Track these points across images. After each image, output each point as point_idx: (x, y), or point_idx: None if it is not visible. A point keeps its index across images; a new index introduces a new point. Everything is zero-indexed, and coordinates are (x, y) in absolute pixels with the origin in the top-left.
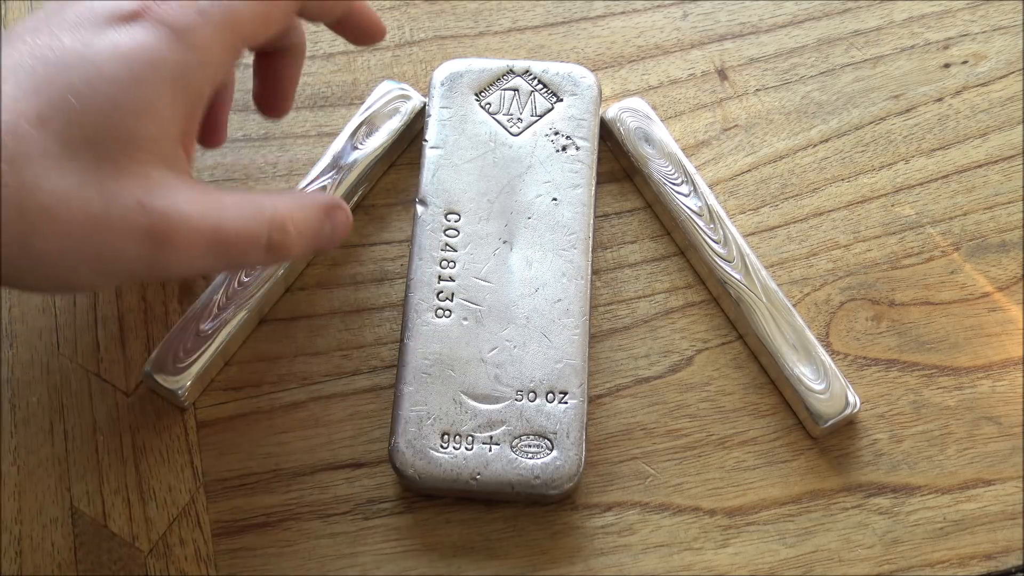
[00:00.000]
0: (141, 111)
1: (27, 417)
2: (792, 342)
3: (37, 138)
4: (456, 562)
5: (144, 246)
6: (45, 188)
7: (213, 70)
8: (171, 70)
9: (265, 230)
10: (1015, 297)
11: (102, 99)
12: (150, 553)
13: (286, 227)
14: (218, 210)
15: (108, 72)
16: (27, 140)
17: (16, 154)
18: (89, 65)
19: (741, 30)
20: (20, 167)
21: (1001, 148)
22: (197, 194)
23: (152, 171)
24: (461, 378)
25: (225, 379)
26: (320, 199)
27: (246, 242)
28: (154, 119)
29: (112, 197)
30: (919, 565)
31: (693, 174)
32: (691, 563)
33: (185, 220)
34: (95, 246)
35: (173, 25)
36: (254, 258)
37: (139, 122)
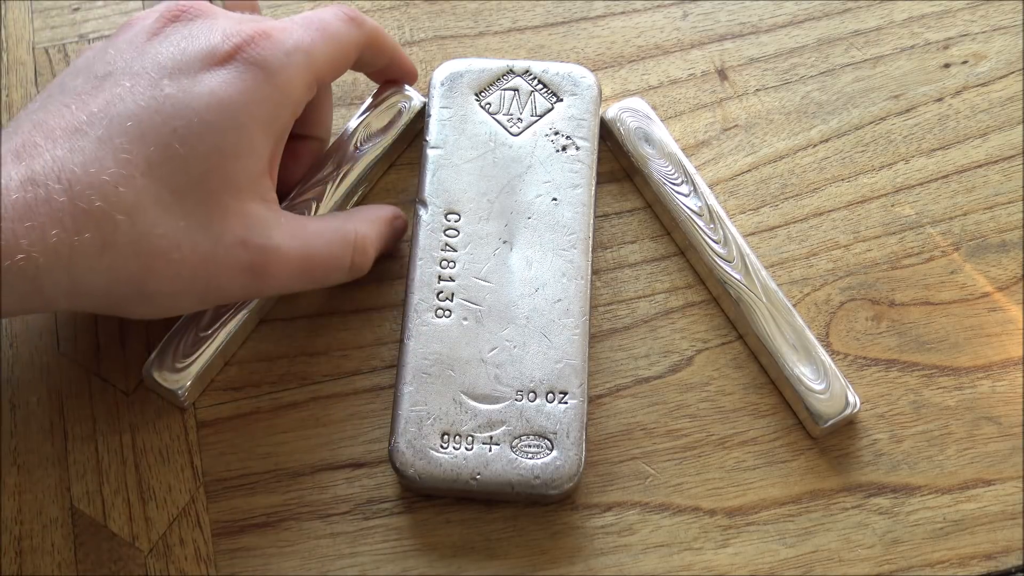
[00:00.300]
0: (241, 153)
1: (27, 417)
2: (792, 342)
3: (148, 187)
4: (456, 562)
5: (245, 277)
6: (158, 233)
7: (295, 107)
8: (263, 111)
9: (349, 254)
10: (1015, 297)
11: (205, 145)
12: (150, 553)
13: (366, 249)
14: (306, 239)
15: (209, 119)
16: (140, 189)
17: (131, 204)
18: (191, 113)
19: (741, 30)
20: (135, 216)
21: (1001, 148)
22: (288, 226)
23: (250, 208)
24: (461, 378)
25: (225, 379)
26: (385, 213)
27: (333, 268)
28: (250, 158)
29: (218, 238)
30: (919, 565)
31: (693, 174)
32: (691, 563)
33: (280, 252)
34: (203, 282)
35: (264, 67)
36: (337, 277)
37: (238, 163)
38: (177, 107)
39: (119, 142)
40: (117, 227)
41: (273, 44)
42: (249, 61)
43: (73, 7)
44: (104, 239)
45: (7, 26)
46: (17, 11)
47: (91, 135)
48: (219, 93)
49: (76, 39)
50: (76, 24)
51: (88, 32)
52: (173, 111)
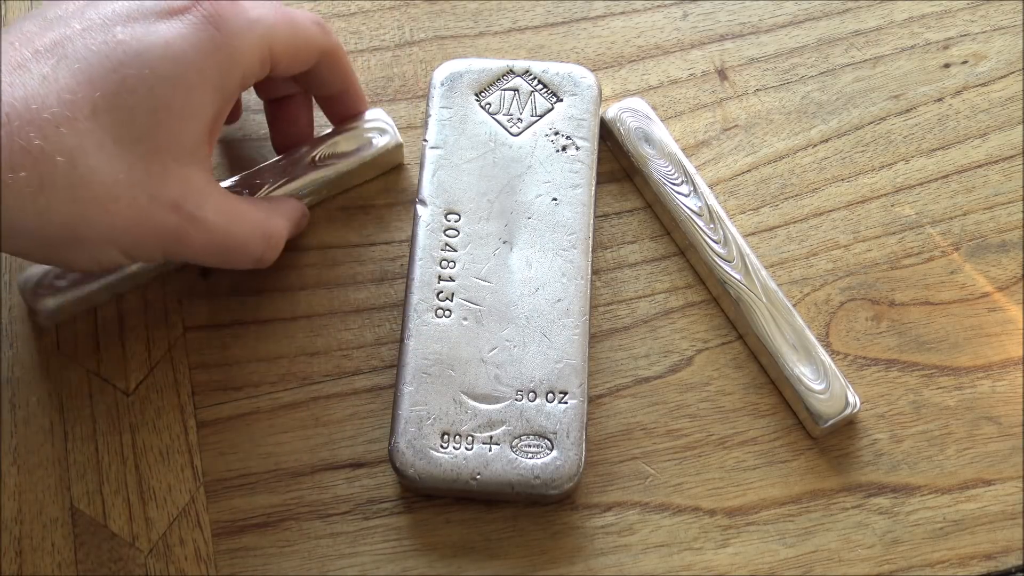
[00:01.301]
0: (187, 114)
1: (27, 417)
2: (792, 342)
3: (92, 131)
4: (456, 562)
5: (168, 241)
6: (97, 181)
7: (245, 78)
8: (215, 73)
9: (262, 247)
10: (1015, 297)
11: (154, 99)
12: (150, 553)
13: (277, 246)
14: (231, 222)
15: (161, 71)
16: (83, 133)
17: (73, 146)
18: (143, 63)
19: (741, 30)
20: (75, 159)
21: (1001, 148)
22: (220, 201)
23: (190, 173)
24: (461, 378)
25: (225, 379)
26: (297, 211)
27: (243, 253)
28: (196, 121)
29: (155, 197)
30: (919, 565)
31: (693, 174)
32: (691, 563)
33: (206, 225)
34: (132, 237)
35: (220, 26)
36: (243, 264)
37: (184, 124)
38: (129, 54)
39: (64, 82)
40: (56, 168)
41: (235, 7)
42: (207, 17)
43: None
44: (41, 179)
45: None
46: (17, 11)
47: (35, 72)
48: (173, 46)
49: None
50: None
51: None
52: (124, 58)
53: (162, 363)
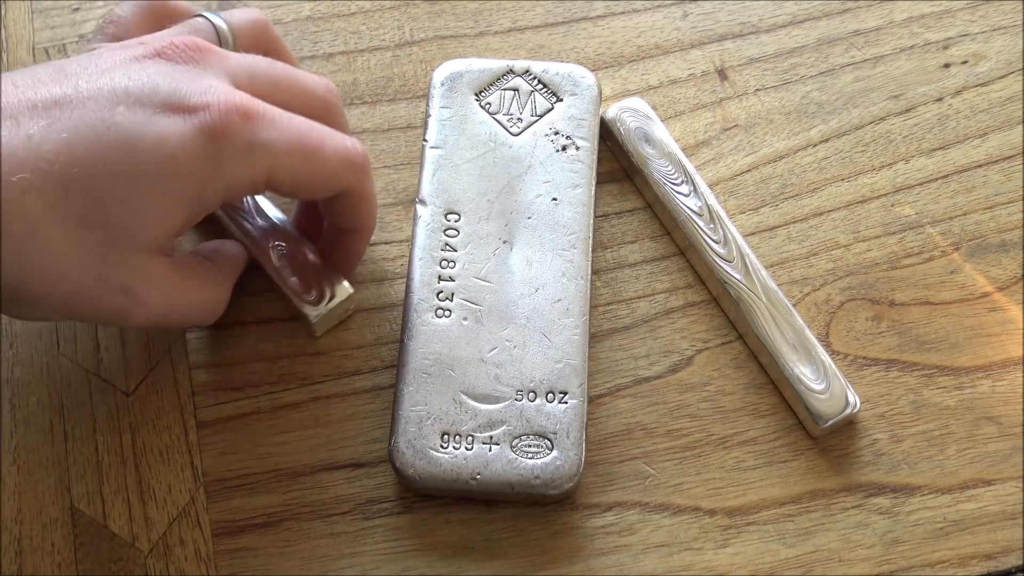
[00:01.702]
0: (159, 215)
1: (27, 417)
2: (792, 342)
3: (58, 206)
4: (456, 562)
5: (110, 317)
6: (50, 255)
7: (227, 196)
8: (198, 185)
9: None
10: (1015, 297)
11: (130, 192)
12: (150, 553)
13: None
14: (177, 305)
15: (144, 168)
16: (49, 206)
17: (35, 217)
18: (129, 154)
19: (741, 30)
20: (35, 229)
21: (1001, 148)
22: (170, 289)
23: (147, 264)
24: (461, 378)
25: (225, 379)
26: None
27: (183, 326)
28: (167, 223)
29: (104, 281)
30: (919, 565)
31: (693, 174)
32: (691, 563)
33: (151, 309)
34: (72, 309)
35: (220, 144)
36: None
37: (154, 224)
38: (120, 139)
39: (48, 148)
40: (11, 236)
41: (245, 126)
42: (209, 127)
43: (73, 7)
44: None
45: (7, 26)
46: (17, 11)
47: (23, 128)
48: (165, 145)
49: (76, 39)
50: (76, 24)
51: (88, 32)
52: (115, 141)
53: (162, 363)
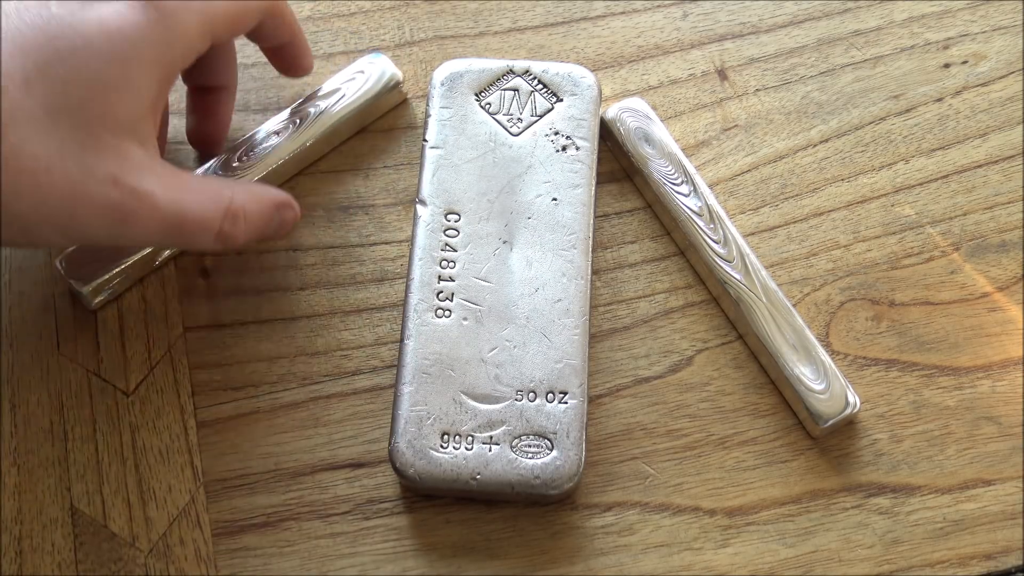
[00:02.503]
0: (122, 87)
1: (27, 417)
2: (792, 342)
3: (23, 102)
4: (456, 562)
5: (110, 219)
6: (28, 152)
7: (187, 53)
8: (152, 49)
9: (219, 220)
10: (1015, 297)
11: (87, 71)
12: (150, 553)
13: (237, 219)
14: (181, 194)
15: (95, 45)
16: (13, 104)
17: (3, 118)
18: (76, 35)
19: (741, 30)
20: (6, 130)
21: (1001, 148)
22: (164, 175)
23: (127, 147)
24: (461, 378)
25: (225, 379)
26: (273, 195)
27: (199, 228)
28: (133, 96)
29: (89, 170)
30: (919, 565)
31: (693, 174)
32: (691, 563)
33: (150, 200)
34: (67, 213)
35: (157, 6)
36: (203, 242)
37: (119, 97)
38: (62, 27)
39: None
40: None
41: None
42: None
43: None
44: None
45: None
46: None
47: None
48: (108, 23)
49: None
50: None
51: None
52: (58, 31)
53: (162, 363)
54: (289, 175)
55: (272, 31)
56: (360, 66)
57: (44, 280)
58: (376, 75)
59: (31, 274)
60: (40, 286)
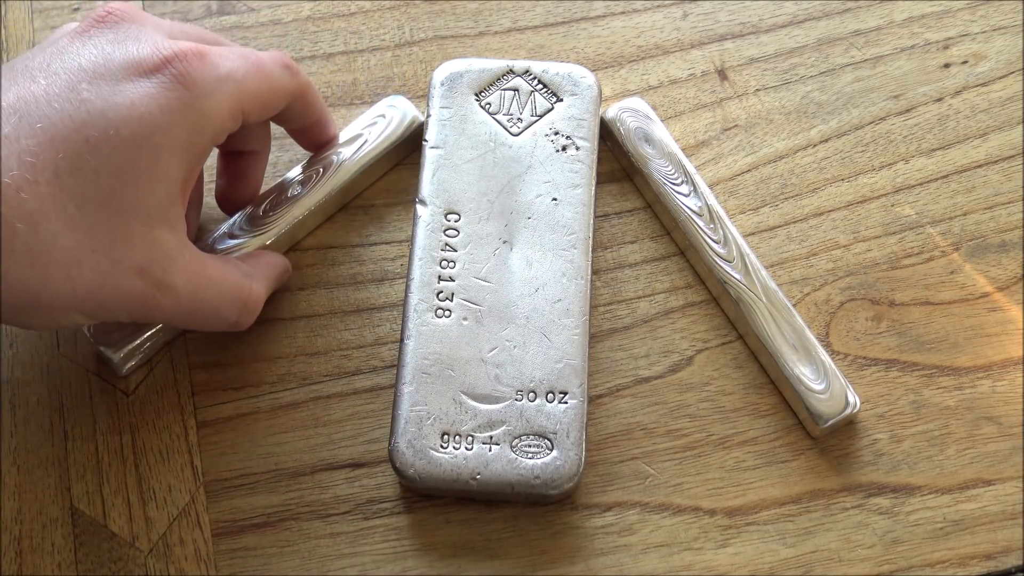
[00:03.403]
0: (153, 175)
1: (27, 417)
2: (792, 342)
3: (54, 196)
4: (456, 562)
5: (134, 307)
6: (59, 246)
7: (216, 135)
8: (183, 134)
9: (236, 312)
10: (1015, 297)
11: (117, 160)
12: (150, 553)
13: (253, 310)
14: (201, 285)
15: (125, 134)
16: (44, 197)
17: (33, 210)
18: (107, 124)
19: (741, 30)
20: (36, 224)
21: (1001, 148)
22: (189, 264)
23: (156, 236)
24: (461, 378)
25: (225, 379)
26: (280, 267)
27: (217, 317)
28: (163, 182)
29: (118, 261)
30: (919, 565)
31: (693, 174)
32: (691, 563)
33: (173, 291)
34: (95, 301)
35: (191, 87)
36: (217, 327)
37: (150, 186)
38: (93, 114)
39: (26, 143)
40: (16, 234)
41: (205, 65)
42: (176, 77)
43: (73, 7)
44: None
45: (7, 26)
46: (17, 11)
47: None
48: (139, 107)
49: None
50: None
51: None
52: (88, 118)
53: (162, 363)
54: (315, 225)
55: (299, 113)
56: (381, 109)
57: None
58: (398, 119)
59: None
60: None
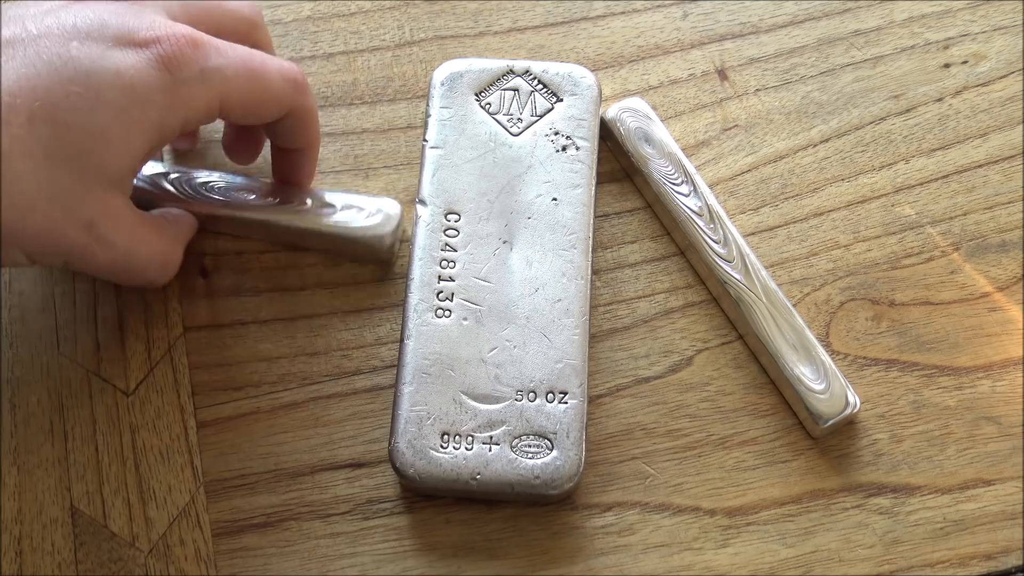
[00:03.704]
0: (121, 144)
1: (27, 417)
2: (792, 342)
3: (23, 138)
4: (456, 562)
5: (73, 254)
6: (19, 188)
7: (188, 124)
8: (156, 113)
9: (156, 273)
10: (1015, 297)
11: (93, 123)
12: (150, 553)
13: (170, 271)
14: (137, 248)
15: (106, 98)
16: (13, 138)
17: (6, 149)
18: (90, 83)
19: (741, 30)
20: (4, 161)
21: (1001, 148)
22: (131, 227)
23: (111, 197)
24: (461, 378)
25: (225, 379)
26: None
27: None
28: (129, 154)
29: (70, 212)
30: (919, 565)
31: (693, 174)
32: (691, 563)
33: (112, 248)
34: (39, 245)
35: (174, 71)
36: (135, 283)
37: (117, 153)
38: (79, 72)
39: (7, 85)
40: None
41: (195, 54)
42: (162, 58)
43: None
44: None
45: None
46: None
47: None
48: (124, 76)
49: None
50: None
51: None
52: (73, 75)
53: (162, 363)
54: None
55: (288, 132)
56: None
57: (44, 280)
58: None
59: (31, 274)
60: (40, 286)
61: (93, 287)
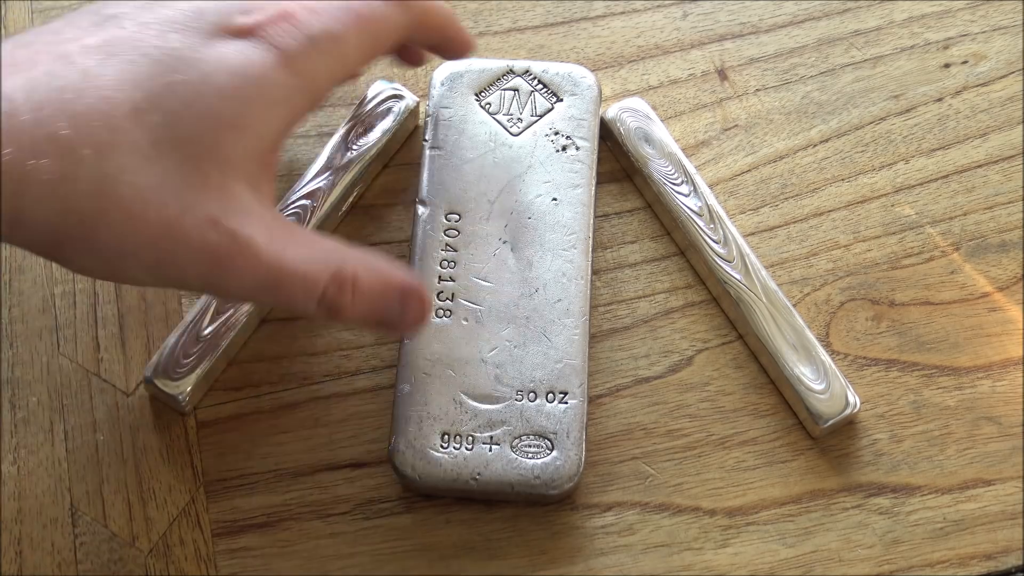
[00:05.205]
0: (238, 125)
1: (27, 417)
2: (792, 342)
3: (128, 130)
4: (456, 562)
5: (203, 263)
6: (125, 181)
7: (314, 97)
8: (276, 93)
9: (324, 282)
10: (1015, 297)
11: (201, 105)
12: (150, 553)
13: (345, 286)
14: (285, 245)
15: (213, 81)
16: (117, 130)
17: (103, 141)
18: (194, 71)
19: (741, 30)
20: (105, 155)
21: (1001, 148)
22: (269, 222)
23: (235, 187)
24: (461, 378)
25: (225, 379)
26: (398, 276)
27: (301, 287)
28: (250, 136)
29: (188, 207)
30: (919, 565)
31: (693, 174)
32: (691, 563)
33: (250, 248)
34: (158, 252)
35: (285, 50)
36: (304, 305)
37: (234, 135)
38: (180, 61)
39: (107, 80)
40: (81, 161)
41: (297, 28)
42: (269, 41)
43: (73, 7)
44: (63, 169)
45: (7, 26)
46: (17, 11)
47: (78, 65)
48: (230, 60)
49: None
50: None
51: None
52: (175, 64)
53: None
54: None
55: (423, 39)
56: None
57: (44, 280)
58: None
59: (31, 274)
60: (40, 286)
61: (93, 287)
